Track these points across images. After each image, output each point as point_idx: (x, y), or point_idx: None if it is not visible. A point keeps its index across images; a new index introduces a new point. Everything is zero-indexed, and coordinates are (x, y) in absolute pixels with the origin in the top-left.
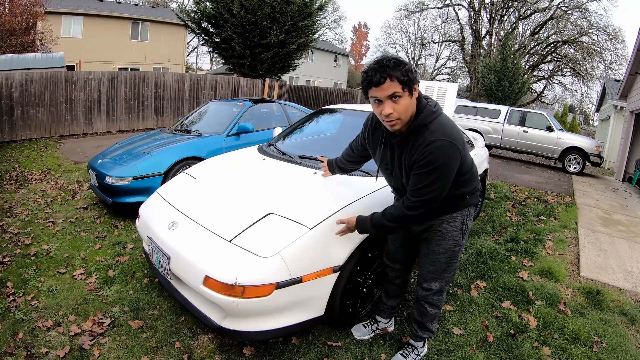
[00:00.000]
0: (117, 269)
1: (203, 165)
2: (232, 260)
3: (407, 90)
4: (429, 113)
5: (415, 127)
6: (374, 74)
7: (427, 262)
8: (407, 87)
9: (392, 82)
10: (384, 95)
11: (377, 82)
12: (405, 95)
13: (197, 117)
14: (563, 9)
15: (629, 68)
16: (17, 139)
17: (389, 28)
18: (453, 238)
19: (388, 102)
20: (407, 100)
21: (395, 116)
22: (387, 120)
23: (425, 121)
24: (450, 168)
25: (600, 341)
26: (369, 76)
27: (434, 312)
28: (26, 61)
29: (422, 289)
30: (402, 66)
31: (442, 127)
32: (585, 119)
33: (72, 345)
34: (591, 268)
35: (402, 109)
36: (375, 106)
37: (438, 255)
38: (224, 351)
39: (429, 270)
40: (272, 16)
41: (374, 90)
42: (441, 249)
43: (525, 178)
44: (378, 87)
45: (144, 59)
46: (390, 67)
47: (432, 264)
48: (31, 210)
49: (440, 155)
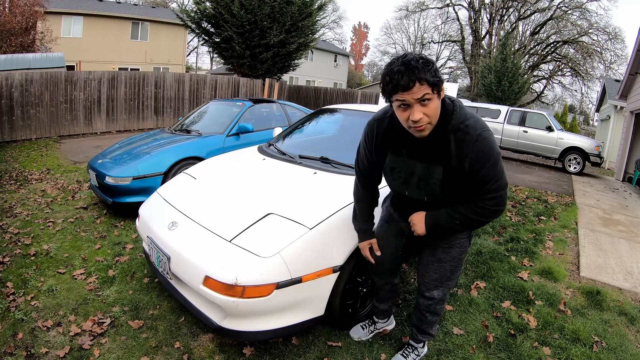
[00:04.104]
0: (117, 269)
1: (203, 165)
2: (232, 260)
3: (436, 92)
4: (459, 108)
5: (454, 126)
6: (401, 77)
7: (430, 271)
8: (437, 88)
9: (422, 85)
10: (413, 99)
11: (405, 86)
12: (435, 97)
13: (197, 117)
14: (563, 9)
15: (629, 68)
16: (17, 139)
17: (389, 28)
18: (461, 245)
19: (417, 106)
20: (436, 102)
21: (426, 121)
22: (417, 126)
23: (462, 118)
24: (500, 156)
25: (600, 341)
26: (396, 79)
27: (434, 319)
28: (26, 61)
29: (423, 297)
30: (431, 66)
31: (476, 119)
32: (585, 119)
33: (72, 345)
34: (591, 268)
35: (433, 112)
36: (401, 111)
37: (444, 263)
38: (224, 351)
39: (432, 279)
40: (272, 16)
41: (401, 95)
42: (448, 257)
43: (525, 178)
44: (406, 91)
45: (144, 59)
46: (420, 68)
47: (437, 272)
48: (31, 210)
49: (493, 144)
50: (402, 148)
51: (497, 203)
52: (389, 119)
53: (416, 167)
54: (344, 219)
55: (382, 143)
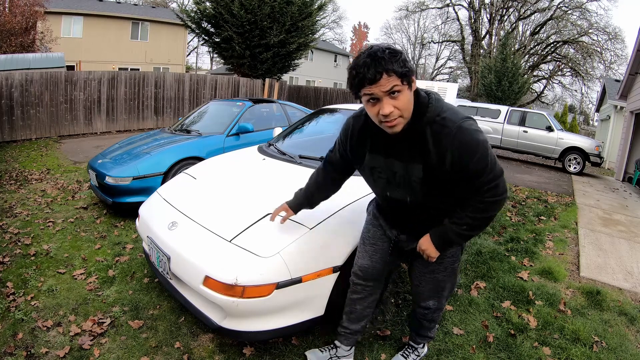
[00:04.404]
0: (117, 269)
1: (203, 165)
2: (232, 260)
3: (406, 83)
4: (435, 101)
5: (429, 119)
6: (367, 70)
7: (424, 282)
8: (407, 79)
9: (389, 76)
10: (381, 92)
11: (372, 79)
12: (405, 89)
13: (197, 117)
14: (563, 9)
15: (629, 68)
16: (17, 139)
17: (389, 28)
18: (453, 254)
19: (387, 99)
20: (407, 94)
21: (397, 114)
22: (387, 120)
23: (437, 111)
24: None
25: (600, 341)
26: (362, 72)
27: (431, 325)
28: (26, 61)
29: (419, 307)
30: (399, 56)
31: (455, 111)
32: (585, 119)
33: (72, 345)
34: (591, 268)
35: (403, 105)
36: (370, 106)
37: (437, 274)
38: (224, 351)
39: (426, 289)
40: (272, 16)
41: (369, 89)
42: (441, 267)
43: (525, 178)
44: (374, 84)
45: (144, 59)
46: (386, 59)
47: (430, 282)
48: (31, 210)
49: (476, 134)
50: (379, 147)
51: (496, 193)
52: (364, 117)
53: (395, 166)
54: (344, 219)
55: (358, 142)
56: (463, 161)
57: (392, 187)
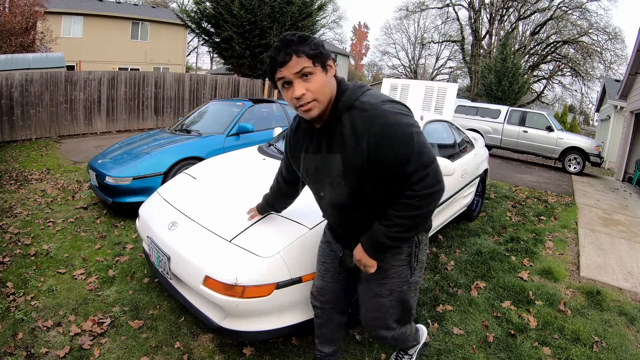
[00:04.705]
0: (117, 269)
1: (203, 165)
2: (232, 260)
3: (318, 65)
4: (355, 88)
5: (345, 104)
6: (278, 53)
7: (369, 308)
8: (319, 61)
9: (299, 57)
10: (291, 74)
11: (282, 62)
12: (318, 71)
13: (197, 117)
14: (563, 9)
15: (629, 68)
16: (17, 139)
17: (389, 28)
18: (398, 275)
19: (298, 81)
20: (321, 77)
21: (310, 97)
22: (301, 104)
23: (355, 95)
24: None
25: (600, 341)
26: (273, 56)
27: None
28: (26, 61)
29: (376, 335)
30: (310, 40)
31: (376, 94)
32: (585, 119)
33: (72, 345)
34: (591, 268)
35: (316, 87)
36: (285, 91)
37: (381, 298)
38: (224, 351)
39: (373, 317)
40: (272, 16)
41: (280, 72)
42: (384, 290)
43: (525, 178)
44: (284, 66)
45: (144, 59)
46: (295, 41)
47: (377, 309)
48: (31, 210)
49: (400, 116)
50: (308, 144)
51: (427, 184)
52: (298, 118)
53: (319, 160)
54: None
55: (295, 142)
56: (384, 146)
57: (320, 185)
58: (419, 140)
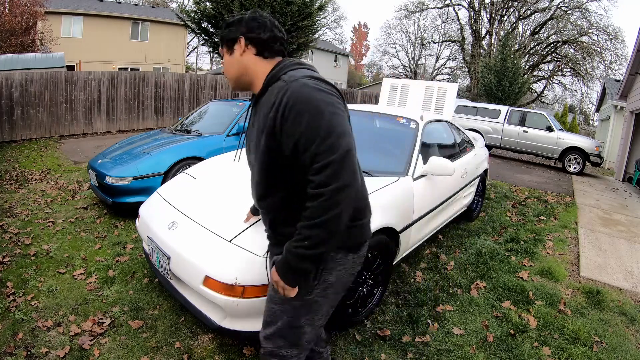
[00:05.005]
0: (117, 269)
1: (203, 165)
2: (232, 260)
3: (224, 47)
4: (290, 64)
5: (274, 78)
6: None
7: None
8: (224, 44)
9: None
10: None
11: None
12: (224, 52)
13: (197, 117)
14: (563, 9)
15: (629, 68)
16: (17, 139)
17: (389, 28)
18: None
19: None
20: (226, 57)
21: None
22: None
23: (284, 70)
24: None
25: (600, 341)
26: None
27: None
28: (26, 61)
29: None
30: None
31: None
32: (585, 119)
33: (72, 345)
34: (591, 268)
35: (225, 66)
36: None
37: (274, 304)
38: (224, 351)
39: (265, 319)
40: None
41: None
42: (277, 297)
43: (525, 178)
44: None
45: (144, 59)
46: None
47: (268, 313)
48: (31, 210)
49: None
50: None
51: (328, 175)
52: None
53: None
54: None
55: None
56: (289, 120)
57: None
58: (331, 121)
